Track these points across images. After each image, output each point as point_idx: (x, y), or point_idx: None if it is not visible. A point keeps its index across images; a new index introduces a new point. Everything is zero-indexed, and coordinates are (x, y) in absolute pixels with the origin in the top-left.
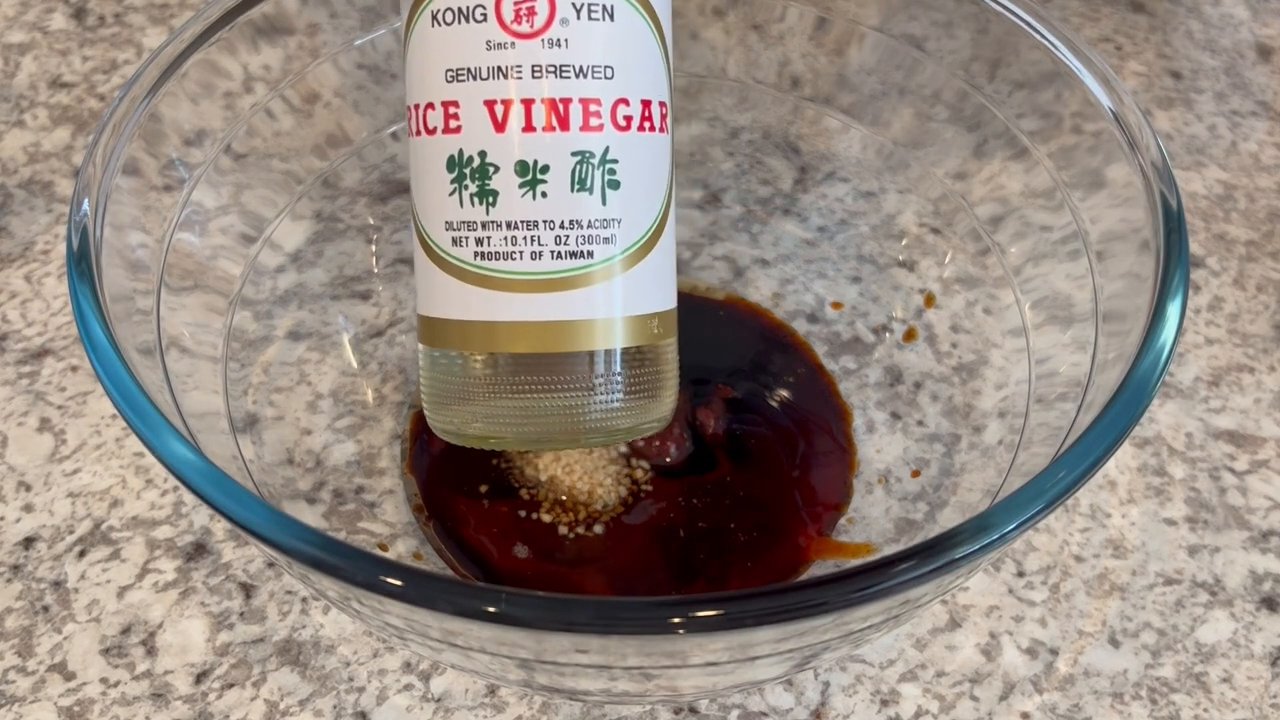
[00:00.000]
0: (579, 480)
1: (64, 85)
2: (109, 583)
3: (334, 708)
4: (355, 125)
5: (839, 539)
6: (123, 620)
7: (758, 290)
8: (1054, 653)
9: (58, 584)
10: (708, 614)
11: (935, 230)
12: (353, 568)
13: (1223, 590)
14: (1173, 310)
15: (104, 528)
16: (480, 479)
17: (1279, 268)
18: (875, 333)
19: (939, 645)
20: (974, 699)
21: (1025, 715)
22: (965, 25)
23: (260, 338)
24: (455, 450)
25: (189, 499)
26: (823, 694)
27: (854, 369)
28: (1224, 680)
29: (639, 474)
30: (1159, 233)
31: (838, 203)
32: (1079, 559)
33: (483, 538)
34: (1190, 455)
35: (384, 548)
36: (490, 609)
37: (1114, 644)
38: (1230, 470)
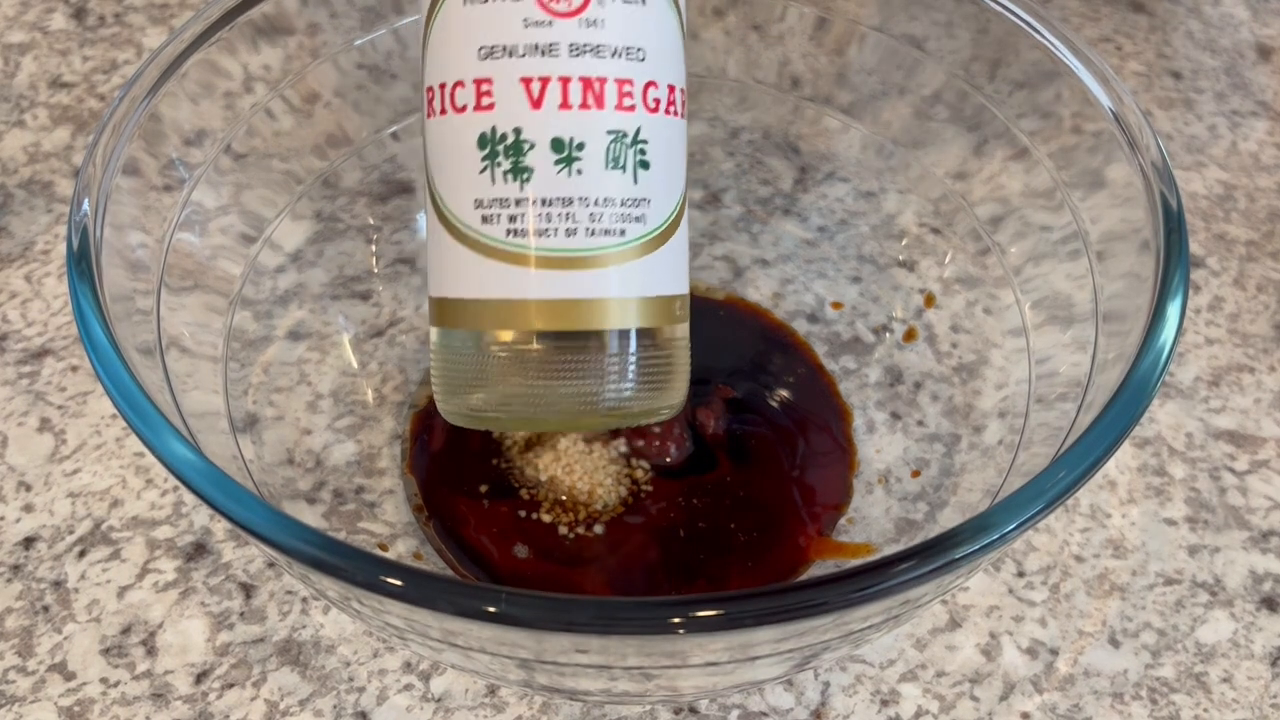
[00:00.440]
0: (579, 480)
1: (64, 85)
2: (109, 583)
3: (334, 708)
4: (355, 125)
5: (839, 539)
6: (123, 620)
7: (758, 290)
8: (1054, 653)
9: (58, 584)
10: (708, 614)
11: (935, 230)
12: (353, 568)
13: (1223, 590)
14: (1173, 310)
15: (104, 528)
16: (480, 479)
17: (1279, 268)
18: (875, 333)
19: (939, 645)
20: (974, 699)
21: (1025, 715)
22: (965, 25)
23: (260, 338)
24: (455, 450)
25: (189, 499)
26: (823, 694)
27: (854, 369)
28: (1224, 680)
29: (639, 474)
30: (1159, 233)
31: (838, 203)
32: (1079, 559)
33: (483, 538)
34: (1190, 455)
35: (384, 548)
36: (490, 609)
37: (1114, 644)
38: (1230, 470)
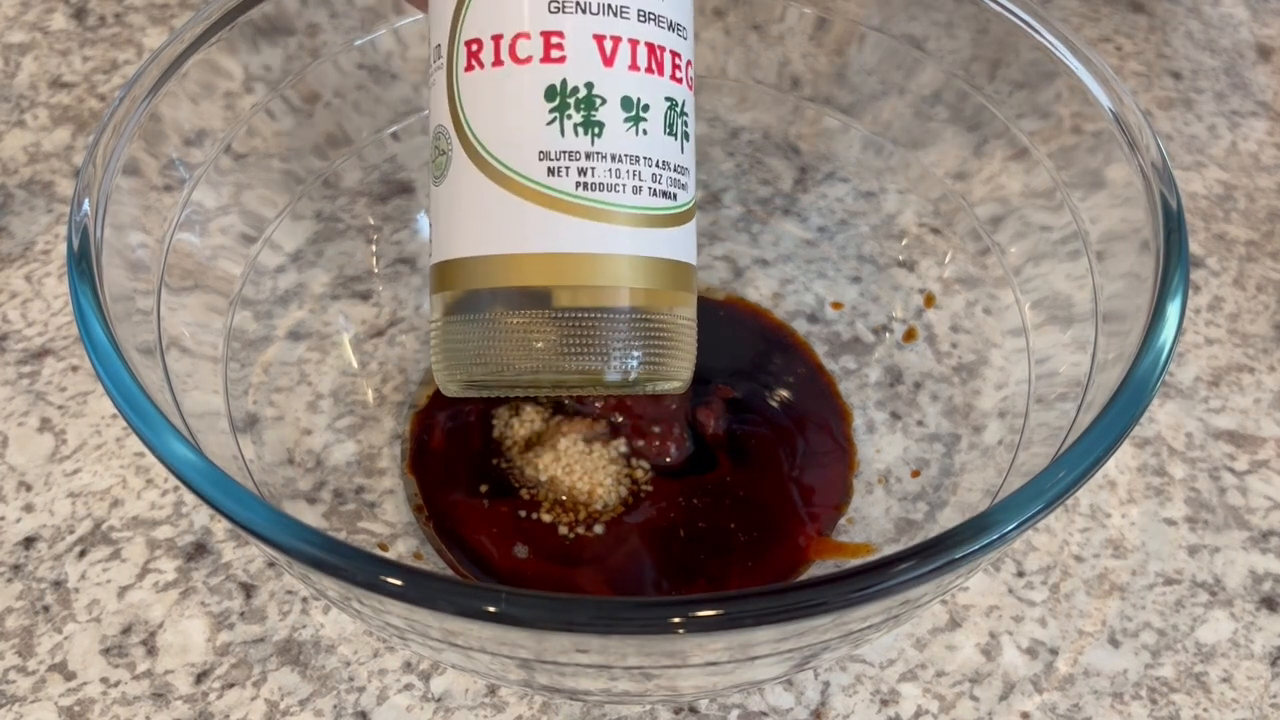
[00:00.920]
0: (579, 480)
1: (64, 85)
2: (109, 583)
3: (334, 707)
4: (355, 125)
5: (839, 539)
6: (123, 620)
7: (758, 290)
8: (1054, 653)
9: (58, 584)
10: (708, 614)
11: (935, 230)
12: (353, 568)
13: (1223, 590)
14: (1173, 310)
15: (104, 528)
16: (480, 479)
17: (1279, 268)
18: (875, 333)
19: (939, 645)
20: (974, 699)
21: (1025, 715)
22: (965, 25)
23: (260, 338)
24: (455, 450)
25: (189, 499)
26: (823, 694)
27: (854, 369)
28: (1224, 680)
29: (639, 474)
30: (1159, 233)
31: (838, 203)
32: (1079, 559)
33: (483, 538)
34: (1190, 455)
35: (384, 548)
36: (490, 609)
37: (1114, 644)
38: (1230, 470)
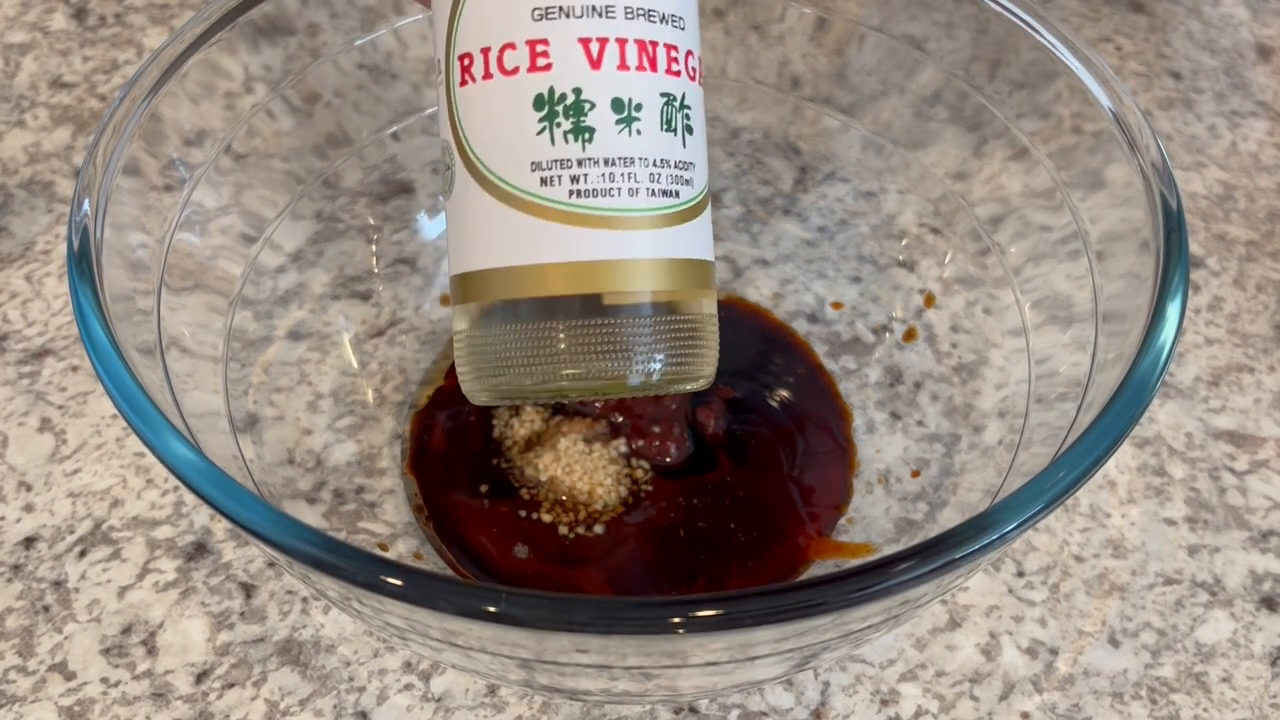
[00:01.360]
0: (579, 480)
1: (64, 85)
2: (109, 582)
3: (334, 707)
4: (355, 125)
5: (839, 539)
6: (123, 620)
7: (758, 290)
8: (1054, 653)
9: (58, 584)
10: (708, 614)
11: (935, 230)
12: (353, 568)
13: (1222, 590)
14: (1172, 310)
15: (104, 528)
16: (480, 479)
17: (1279, 268)
18: (875, 333)
19: (939, 645)
20: (974, 699)
21: (1025, 715)
22: (965, 25)
23: (260, 338)
24: (455, 450)
25: (189, 499)
26: (823, 694)
27: (854, 369)
28: (1224, 680)
29: (639, 474)
30: (1159, 233)
31: (838, 203)
32: (1079, 559)
33: (483, 538)
34: (1190, 455)
35: (384, 548)
36: (490, 609)
37: (1114, 644)
38: (1230, 470)
